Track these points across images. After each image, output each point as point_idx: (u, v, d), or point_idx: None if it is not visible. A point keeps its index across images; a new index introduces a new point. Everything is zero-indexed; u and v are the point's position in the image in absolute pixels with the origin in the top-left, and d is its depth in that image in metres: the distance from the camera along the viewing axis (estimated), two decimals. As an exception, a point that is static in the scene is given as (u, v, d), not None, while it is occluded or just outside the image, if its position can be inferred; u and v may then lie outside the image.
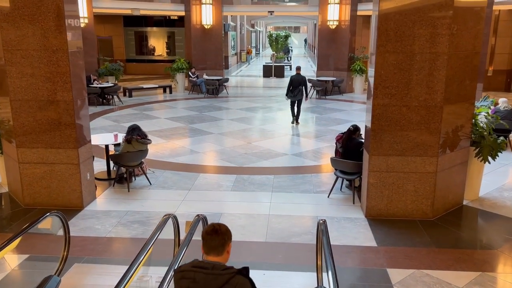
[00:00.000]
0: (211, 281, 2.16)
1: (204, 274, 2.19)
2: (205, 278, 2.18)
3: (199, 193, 7.03)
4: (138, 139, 6.99)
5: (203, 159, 9.02)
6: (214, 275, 2.18)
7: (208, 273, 2.19)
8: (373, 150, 5.90)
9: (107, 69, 16.52)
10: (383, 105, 5.74)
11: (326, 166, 8.45)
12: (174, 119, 12.91)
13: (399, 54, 5.56)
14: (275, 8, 19.85)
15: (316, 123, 12.59)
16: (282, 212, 6.30)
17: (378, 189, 6.01)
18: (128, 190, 7.08)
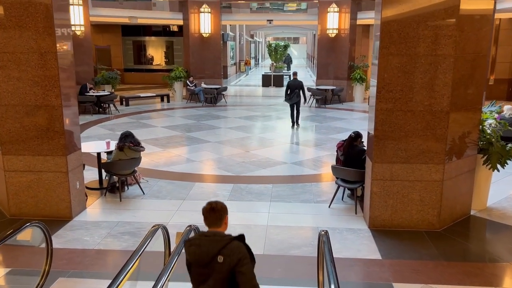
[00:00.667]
0: (213, 245, 2.65)
1: (207, 241, 2.70)
2: (208, 243, 2.68)
3: (194, 203, 6.72)
4: (130, 146, 6.71)
5: (199, 168, 8.73)
6: (215, 241, 2.68)
7: (210, 240, 2.69)
8: (376, 157, 5.62)
9: (103, 78, 16.28)
10: (387, 110, 5.48)
11: (327, 175, 8.16)
12: (171, 127, 12.64)
13: (403, 56, 5.31)
14: (274, 17, 19.71)
15: (316, 131, 12.32)
16: (281, 223, 6.00)
17: (382, 199, 5.72)
18: (120, 199, 6.78)
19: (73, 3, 14.32)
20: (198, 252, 2.70)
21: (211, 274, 2.66)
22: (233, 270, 2.62)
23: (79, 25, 14.58)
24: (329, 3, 17.10)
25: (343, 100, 17.51)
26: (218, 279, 2.65)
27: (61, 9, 5.76)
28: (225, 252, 2.63)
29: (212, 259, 2.64)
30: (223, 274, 2.63)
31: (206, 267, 2.67)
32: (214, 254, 2.63)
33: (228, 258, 2.62)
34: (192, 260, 2.75)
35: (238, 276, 2.62)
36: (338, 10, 17.13)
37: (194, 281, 2.79)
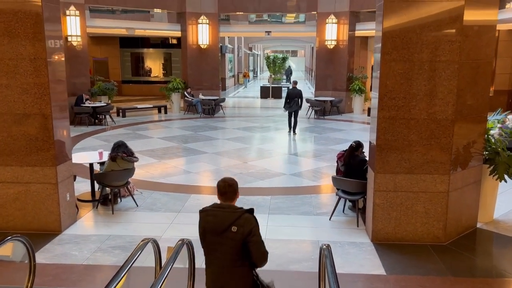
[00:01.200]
0: (228, 216, 2.96)
1: (222, 212, 3.01)
2: (223, 214, 2.99)
3: (189, 215, 6.47)
4: (123, 156, 6.47)
5: (196, 179, 8.48)
6: (229, 212, 2.99)
7: (225, 211, 3.01)
8: (378, 167, 5.39)
9: (100, 89, 16.09)
10: (389, 118, 5.26)
11: (327, 186, 7.93)
12: (167, 138, 12.41)
13: (406, 62, 5.12)
14: (272, 28, 19.65)
15: (315, 142, 12.10)
16: (279, 236, 5.74)
17: (385, 211, 5.47)
18: (112, 212, 6.52)
19: (69, 14, 14.26)
20: (214, 221, 3.00)
21: (224, 243, 2.97)
22: (245, 239, 2.93)
23: (76, 35, 14.50)
24: (328, 15, 17.03)
25: (342, 112, 17.34)
26: (231, 247, 2.95)
27: (52, 16, 5.57)
28: (238, 223, 2.94)
29: (226, 229, 2.94)
30: (236, 242, 2.94)
31: (220, 236, 2.97)
32: (229, 224, 2.94)
33: (241, 228, 2.93)
34: (208, 228, 3.03)
35: (250, 244, 2.94)
36: (337, 22, 17.05)
37: (208, 249, 3.09)
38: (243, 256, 2.98)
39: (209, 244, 3.06)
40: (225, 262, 3.01)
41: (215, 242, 3.01)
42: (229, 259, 2.99)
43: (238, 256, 2.98)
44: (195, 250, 4.33)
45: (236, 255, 2.97)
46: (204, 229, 3.07)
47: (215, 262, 3.06)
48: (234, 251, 2.96)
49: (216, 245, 3.01)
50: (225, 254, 2.99)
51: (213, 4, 17.61)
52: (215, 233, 2.99)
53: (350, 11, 16.98)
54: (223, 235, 2.95)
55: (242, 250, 2.96)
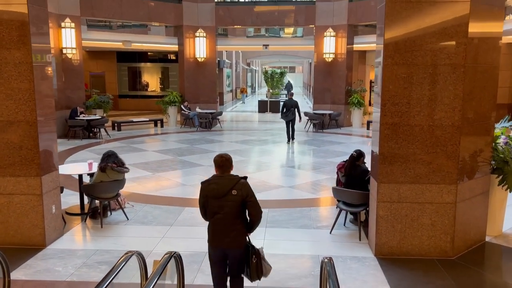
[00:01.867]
0: (227, 183, 3.55)
1: (222, 180, 3.60)
2: (224, 182, 3.58)
3: (182, 229, 6.14)
4: (113, 167, 6.17)
5: (190, 192, 8.15)
6: (229, 180, 3.59)
7: (225, 179, 3.60)
8: (382, 177, 5.10)
9: (95, 102, 15.83)
10: (393, 125, 5.00)
11: (327, 199, 7.62)
12: (163, 151, 12.12)
13: (409, 66, 4.88)
14: (270, 42, 19.53)
15: (314, 155, 11.81)
16: (277, 251, 5.41)
17: (389, 223, 5.16)
18: (101, 226, 6.19)
19: (65, 26, 14.09)
20: (217, 188, 3.61)
21: (226, 205, 3.58)
22: (244, 200, 3.59)
23: (71, 48, 14.31)
24: (326, 28, 16.93)
25: (340, 125, 17.10)
26: (232, 208, 3.59)
27: (39, 19, 5.33)
28: (237, 187, 3.57)
29: (227, 193, 3.56)
30: (236, 203, 3.59)
31: (222, 199, 3.58)
32: (229, 189, 3.56)
33: (240, 191, 3.57)
34: (211, 195, 3.62)
35: (249, 204, 3.61)
36: (335, 35, 16.94)
37: (211, 212, 3.68)
38: (240, 216, 3.67)
39: (213, 208, 3.67)
40: (226, 221, 3.63)
41: (218, 205, 3.62)
42: (230, 218, 3.63)
43: (237, 215, 3.64)
44: (185, 264, 4.03)
45: (235, 214, 3.63)
46: (207, 196, 3.66)
47: (217, 221, 3.67)
48: (234, 211, 3.62)
49: (219, 207, 3.62)
50: (226, 214, 3.62)
51: (211, 17, 17.51)
52: (217, 198, 3.61)
53: (348, 24, 16.89)
54: (225, 198, 3.59)
55: (240, 210, 3.64)
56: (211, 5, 17.51)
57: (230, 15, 17.85)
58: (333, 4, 17.01)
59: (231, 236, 3.64)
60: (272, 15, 17.83)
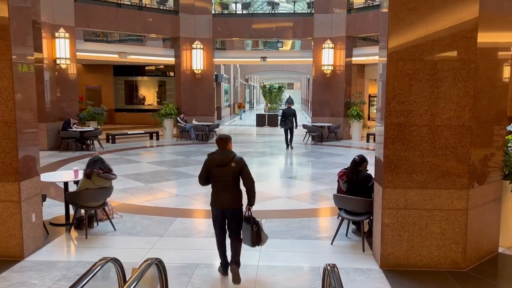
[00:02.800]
0: (227, 156, 4.44)
1: (223, 152, 4.48)
2: (225, 154, 4.47)
3: (173, 240, 5.73)
4: (99, 173, 5.78)
5: (183, 202, 7.75)
6: (228, 153, 4.48)
7: (225, 152, 4.48)
8: (387, 182, 4.73)
9: (89, 113, 15.48)
10: (398, 125, 4.65)
11: (327, 209, 7.23)
12: (157, 163, 11.74)
13: (416, 62, 4.56)
14: (268, 54, 19.32)
15: (313, 166, 11.43)
16: (274, 262, 5.00)
17: (395, 231, 4.77)
18: (86, 236, 5.77)
19: (59, 36, 13.84)
20: (220, 158, 4.43)
21: (226, 173, 4.41)
22: (240, 170, 4.41)
23: (65, 58, 14.03)
24: (324, 40, 16.74)
25: (340, 138, 16.75)
26: (230, 176, 4.41)
27: (19, 13, 5.01)
28: (234, 160, 4.41)
29: (227, 163, 4.38)
30: (234, 172, 4.41)
31: (223, 168, 4.39)
32: (229, 161, 4.38)
33: (237, 163, 4.41)
34: (215, 163, 4.42)
35: (243, 173, 4.44)
36: (333, 47, 16.74)
37: (215, 179, 4.49)
38: (236, 183, 4.49)
39: (216, 174, 4.48)
40: (226, 185, 4.46)
41: (220, 172, 4.44)
42: (229, 184, 4.46)
43: (234, 183, 4.48)
44: (174, 276, 3.62)
45: (233, 181, 4.47)
46: (211, 164, 4.47)
47: (219, 185, 4.49)
48: (232, 179, 4.45)
49: (221, 174, 4.44)
50: (227, 180, 4.45)
51: (208, 29, 17.33)
52: (220, 166, 4.43)
53: (346, 36, 16.71)
54: (225, 167, 4.41)
55: (237, 178, 4.47)
56: (208, 17, 17.36)
57: (227, 27, 17.67)
58: (331, 16, 16.86)
59: (229, 198, 4.49)
60: (269, 28, 17.67)
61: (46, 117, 13.82)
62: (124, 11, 15.81)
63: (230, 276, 4.53)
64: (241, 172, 4.45)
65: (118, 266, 3.02)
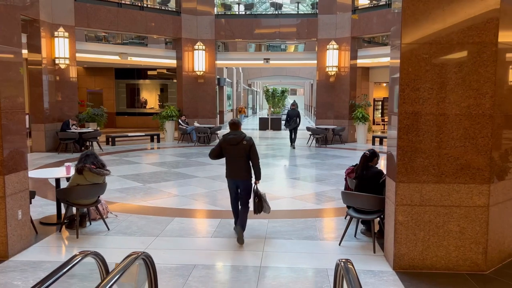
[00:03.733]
0: (240, 136, 5.26)
1: (237, 133, 5.31)
2: (238, 134, 5.30)
3: (169, 240, 5.36)
4: (92, 168, 5.42)
5: (181, 202, 7.38)
6: (240, 134, 5.31)
7: (238, 133, 5.31)
8: (401, 175, 4.35)
9: (88, 115, 15.17)
10: (413, 114, 4.28)
11: (333, 210, 6.85)
12: (156, 164, 11.39)
13: (432, 45, 4.20)
14: (271, 56, 19.01)
15: (318, 167, 11.04)
16: (278, 263, 4.62)
17: (410, 230, 4.38)
18: (77, 236, 5.41)
19: (58, 35, 13.58)
20: (234, 138, 5.26)
21: (238, 150, 5.25)
22: (250, 148, 5.26)
23: (64, 58, 13.74)
24: (328, 41, 16.42)
25: (344, 141, 16.37)
26: (242, 152, 5.25)
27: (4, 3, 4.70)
28: (245, 139, 5.26)
29: (240, 142, 5.24)
30: (245, 150, 5.25)
31: (236, 146, 5.24)
32: (241, 140, 5.24)
33: (248, 142, 5.27)
34: (230, 142, 5.27)
35: (251, 150, 5.29)
36: (338, 47, 16.41)
37: (229, 155, 5.33)
38: (247, 159, 5.28)
39: (230, 151, 5.29)
40: (238, 159, 5.28)
41: (234, 150, 5.25)
42: (241, 158, 5.27)
43: (245, 158, 5.28)
44: (169, 277, 3.25)
45: (244, 157, 5.27)
46: (226, 143, 5.28)
47: (233, 160, 5.31)
48: (243, 155, 5.26)
49: (234, 151, 5.25)
50: (239, 156, 5.26)
51: (210, 30, 17.05)
52: (233, 145, 5.24)
53: (351, 37, 16.38)
54: (238, 146, 5.23)
55: (247, 155, 5.26)
56: (210, 18, 17.09)
57: (230, 28, 17.39)
58: (336, 17, 16.56)
59: (241, 171, 5.33)
60: (273, 29, 17.37)
61: (44, 118, 13.53)
62: (125, 11, 15.54)
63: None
64: (250, 149, 5.28)
65: (100, 261, 2.67)
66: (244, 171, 5.31)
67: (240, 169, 5.30)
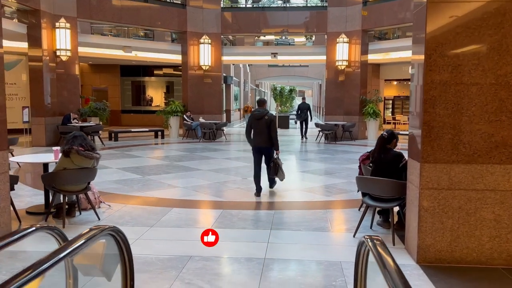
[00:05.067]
0: (263, 112, 6.44)
1: (262, 110, 6.54)
2: (262, 110, 6.51)
3: (165, 230, 4.84)
4: (80, 150, 4.92)
5: (181, 193, 6.86)
6: (263, 110, 6.52)
7: (262, 110, 6.53)
8: (426, 155, 3.79)
9: (90, 109, 14.72)
10: (441, 83, 3.72)
11: (345, 202, 6.31)
12: (159, 157, 10.93)
13: (460, 4, 3.65)
14: (279, 50, 18.48)
15: (328, 162, 10.46)
16: (285, 255, 4.08)
17: (436, 218, 3.82)
18: (63, 225, 4.91)
19: (59, 26, 13.18)
20: (258, 113, 6.44)
21: (262, 124, 6.39)
22: (271, 122, 6.38)
23: (65, 49, 13.34)
24: (338, 34, 15.86)
25: (355, 138, 15.77)
26: (265, 125, 6.37)
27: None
28: (267, 115, 6.41)
29: (263, 117, 6.38)
30: (267, 123, 6.36)
31: (260, 120, 6.39)
32: (264, 115, 6.39)
33: (269, 118, 6.39)
34: (256, 117, 6.45)
35: (271, 125, 6.39)
36: (348, 41, 15.84)
37: (254, 127, 6.50)
38: (268, 130, 6.38)
39: (255, 124, 6.47)
40: (261, 131, 6.42)
41: (258, 123, 6.42)
42: (264, 130, 6.40)
43: (268, 130, 6.38)
44: (161, 268, 2.72)
45: (266, 129, 6.38)
46: (253, 118, 6.49)
47: (257, 131, 6.46)
48: (266, 127, 6.38)
49: (259, 124, 6.42)
50: (262, 128, 6.40)
51: (216, 23, 16.57)
52: (258, 119, 6.42)
53: (362, 30, 15.82)
54: (261, 120, 6.39)
55: (268, 127, 6.38)
56: (216, 11, 16.61)
57: (236, 22, 16.91)
58: (346, 10, 16.00)
59: (263, 140, 6.41)
60: (280, 22, 16.86)
61: (45, 111, 13.14)
62: (129, 3, 15.12)
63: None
64: (270, 123, 6.38)
65: (58, 235, 2.16)
66: (266, 140, 6.43)
67: (263, 138, 6.43)
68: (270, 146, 6.43)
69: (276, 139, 6.39)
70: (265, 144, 6.41)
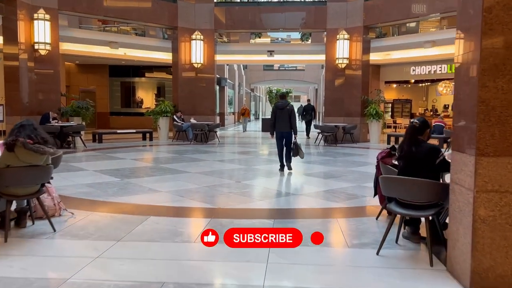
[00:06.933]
0: (285, 103, 8.04)
1: (283, 101, 8.18)
2: (283, 102, 8.11)
3: (135, 245, 3.79)
4: (26, 143, 3.86)
5: (163, 198, 5.79)
6: (285, 102, 8.13)
7: (284, 101, 8.17)
8: (484, 145, 2.78)
9: (72, 108, 13.59)
10: (505, 47, 2.73)
11: (358, 208, 5.29)
12: (143, 159, 9.90)
13: None
14: (276, 48, 17.51)
15: (331, 164, 9.43)
16: (290, 282, 3.04)
17: (499, 232, 2.80)
18: (5, 239, 3.84)
19: (37, 18, 12.13)
20: (281, 104, 7.97)
21: (284, 113, 7.83)
22: (290, 112, 7.86)
23: (44, 43, 12.28)
24: (338, 31, 14.93)
25: (356, 140, 14.78)
26: (286, 114, 7.84)
27: None
28: (288, 105, 7.97)
29: (285, 107, 7.88)
30: (288, 112, 7.84)
31: (282, 110, 7.86)
32: (286, 106, 7.93)
33: (289, 108, 7.92)
34: (278, 108, 7.93)
35: (291, 114, 7.86)
36: (349, 38, 14.90)
37: (278, 116, 7.89)
38: (289, 118, 7.82)
39: (278, 113, 7.87)
40: (283, 119, 7.82)
41: (281, 112, 7.84)
42: (285, 118, 7.80)
43: (288, 119, 7.81)
44: None
45: (287, 117, 7.81)
46: (277, 108, 7.96)
47: (280, 119, 7.85)
48: (286, 115, 7.81)
49: (281, 113, 7.84)
50: (284, 117, 7.82)
51: (209, 19, 15.59)
52: (281, 109, 7.85)
53: (364, 26, 14.91)
54: (283, 110, 7.84)
55: (289, 116, 7.82)
56: (209, 6, 15.64)
57: (230, 17, 15.93)
58: (347, 5, 15.10)
59: (284, 126, 7.87)
60: (277, 18, 15.90)
61: (21, 109, 12.08)
62: (115, -5, 14.12)
63: None
64: (291, 113, 7.78)
65: None
66: (286, 126, 7.82)
67: (284, 124, 7.81)
68: (290, 130, 7.89)
69: (295, 125, 7.90)
70: (286, 129, 7.87)
